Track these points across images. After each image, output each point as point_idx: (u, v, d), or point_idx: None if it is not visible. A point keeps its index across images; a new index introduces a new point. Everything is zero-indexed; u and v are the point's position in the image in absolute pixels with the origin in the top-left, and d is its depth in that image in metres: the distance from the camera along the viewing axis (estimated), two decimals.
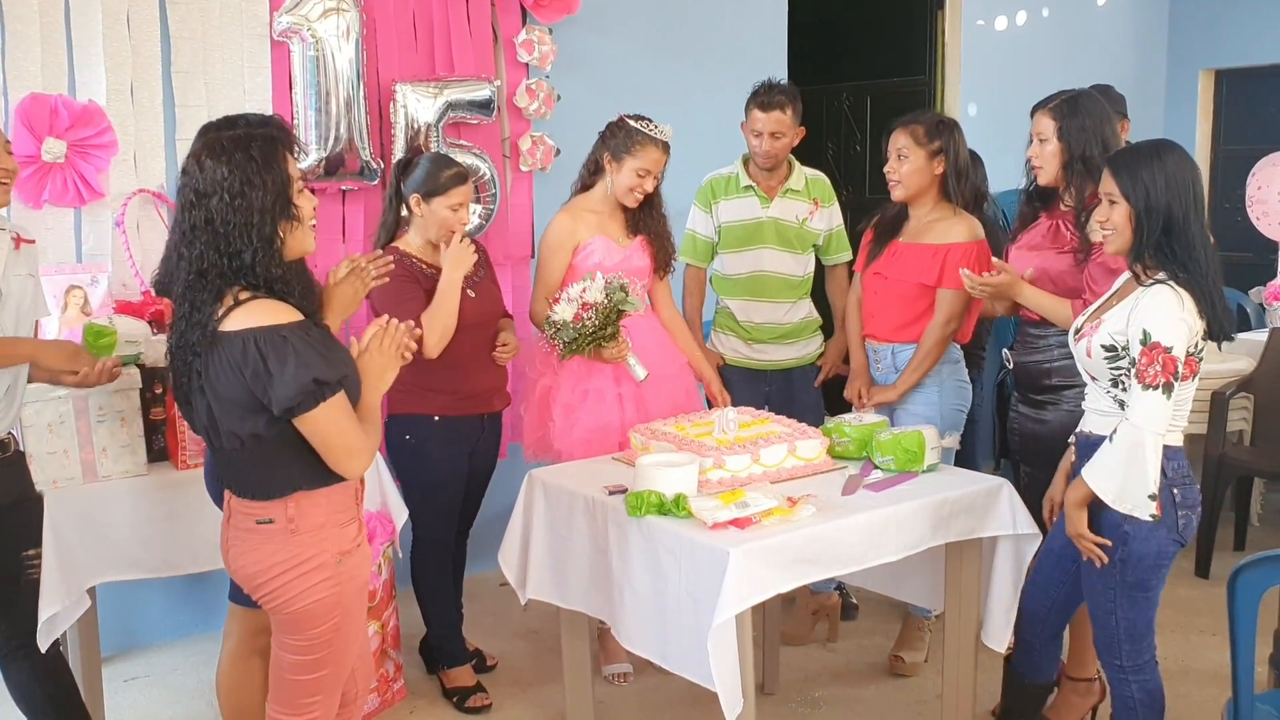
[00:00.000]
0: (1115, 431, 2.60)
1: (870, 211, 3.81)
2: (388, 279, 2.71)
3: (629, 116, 3.59)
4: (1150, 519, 2.57)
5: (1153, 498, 2.55)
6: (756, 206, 3.95)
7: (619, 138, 3.56)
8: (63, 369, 2.82)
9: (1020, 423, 3.30)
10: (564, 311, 3.43)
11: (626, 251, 3.63)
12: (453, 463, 3.50)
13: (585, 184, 3.71)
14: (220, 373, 2.16)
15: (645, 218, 3.66)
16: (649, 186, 3.57)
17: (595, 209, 3.66)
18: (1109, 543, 2.65)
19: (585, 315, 3.41)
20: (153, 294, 3.56)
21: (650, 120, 3.58)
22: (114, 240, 3.73)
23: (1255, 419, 4.85)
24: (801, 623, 4.02)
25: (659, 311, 3.77)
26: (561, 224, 3.64)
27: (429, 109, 4.16)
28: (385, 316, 2.38)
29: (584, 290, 3.43)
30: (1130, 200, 2.62)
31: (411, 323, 2.42)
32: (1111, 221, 2.67)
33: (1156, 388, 2.52)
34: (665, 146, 3.55)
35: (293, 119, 3.98)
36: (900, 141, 3.48)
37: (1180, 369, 2.53)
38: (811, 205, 3.99)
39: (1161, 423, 2.54)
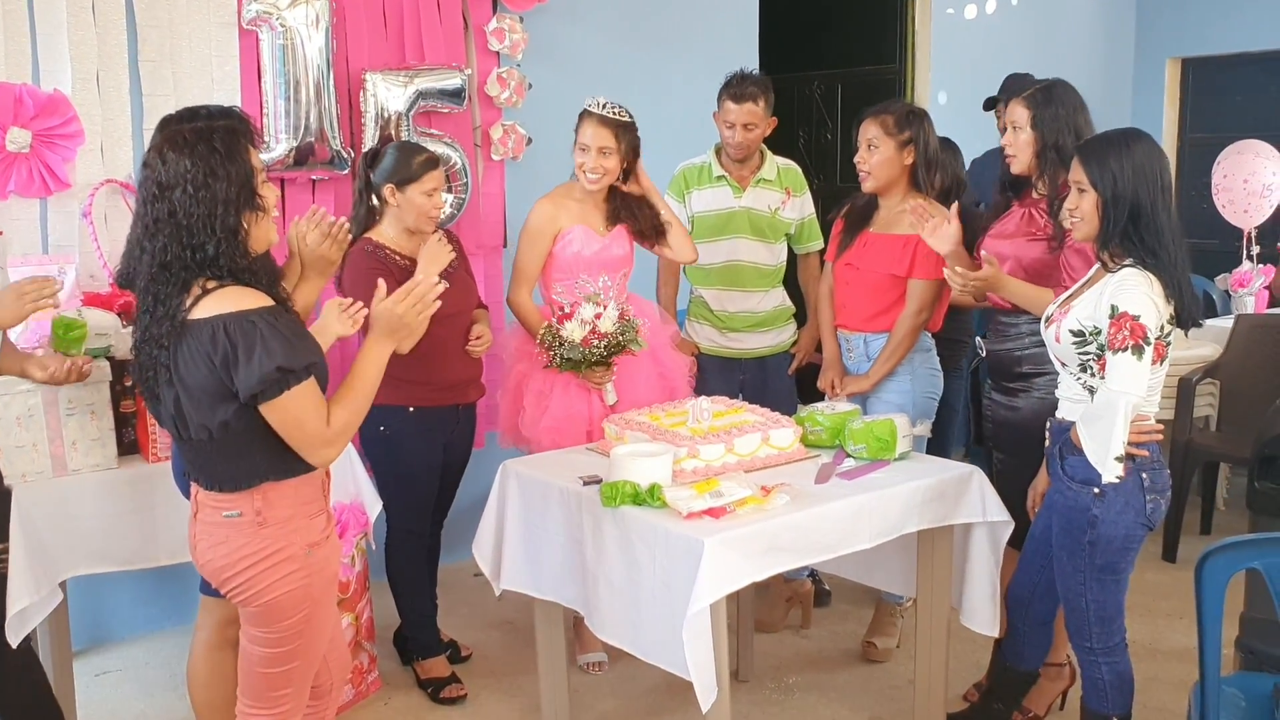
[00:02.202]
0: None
1: (841, 200, 3.82)
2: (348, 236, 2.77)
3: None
4: (1116, 480, 2.59)
5: (1119, 460, 2.58)
6: (729, 196, 3.96)
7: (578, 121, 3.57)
8: (11, 322, 2.78)
9: (993, 410, 3.33)
10: (574, 332, 3.42)
11: (606, 241, 3.62)
12: (427, 454, 3.50)
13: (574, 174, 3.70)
14: (189, 362, 2.14)
15: (624, 207, 3.63)
16: (591, 163, 3.51)
17: (578, 198, 3.64)
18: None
19: (595, 342, 3.42)
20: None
21: (605, 100, 3.56)
22: (81, 231, 3.69)
23: (1221, 404, 4.92)
24: (775, 610, 4.05)
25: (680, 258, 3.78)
26: (542, 211, 3.62)
27: (399, 98, 4.14)
28: (420, 276, 2.41)
29: (598, 317, 3.43)
30: (1098, 188, 2.65)
31: (435, 277, 2.44)
32: (1080, 209, 2.70)
33: (1125, 350, 2.54)
34: (601, 120, 3.50)
35: (262, 108, 3.95)
36: (870, 132, 3.49)
37: (1150, 336, 2.55)
38: (784, 194, 4.00)
39: (1134, 385, 2.55)
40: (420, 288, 2.39)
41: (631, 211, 3.63)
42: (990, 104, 4.60)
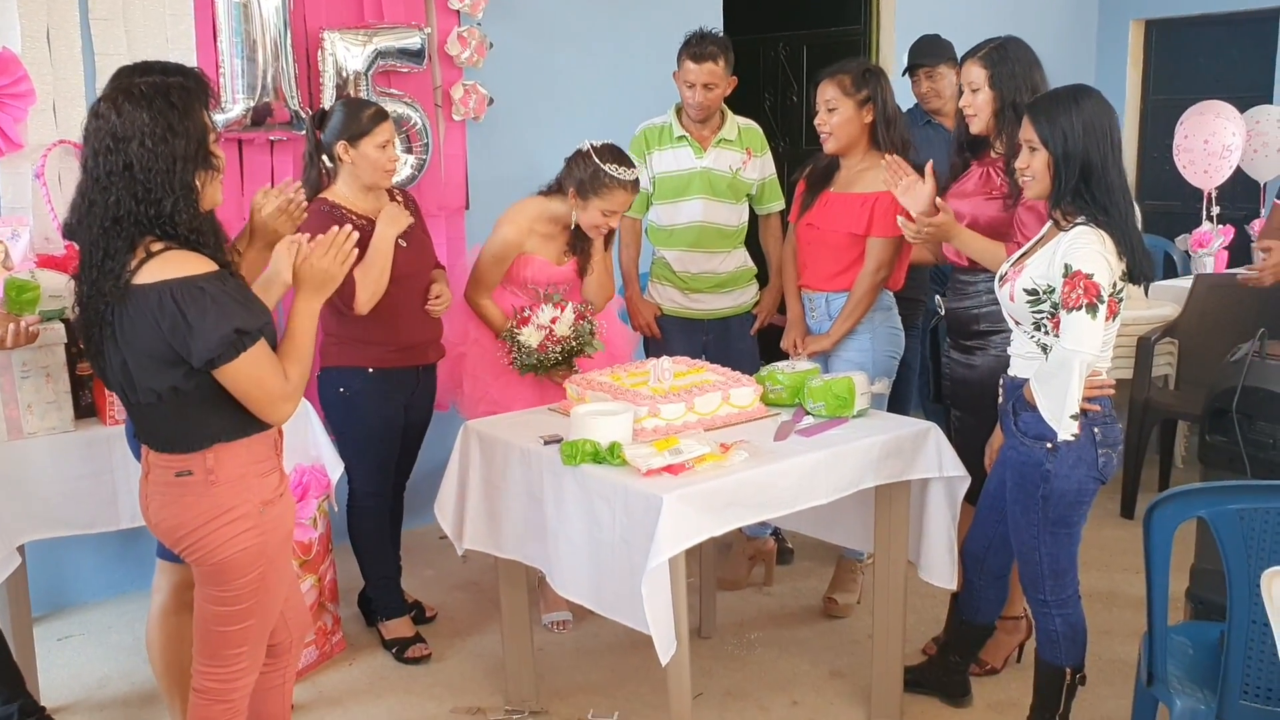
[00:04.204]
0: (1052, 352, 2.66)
1: (805, 162, 3.82)
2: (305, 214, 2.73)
3: (596, 149, 3.47)
4: (1071, 438, 2.63)
5: (1074, 418, 2.61)
6: (690, 157, 3.96)
7: (585, 174, 3.45)
8: None
9: (951, 368, 3.36)
10: (531, 337, 3.46)
11: (560, 270, 3.63)
12: (387, 415, 3.49)
13: (549, 191, 3.63)
14: (135, 327, 2.12)
15: (579, 239, 3.61)
16: (615, 224, 3.54)
17: (543, 232, 3.59)
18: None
19: (551, 347, 3.44)
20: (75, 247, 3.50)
21: (618, 159, 3.47)
22: (34, 193, 3.64)
23: (1179, 364, 4.97)
24: (738, 568, 4.08)
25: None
26: (509, 237, 3.56)
27: (358, 57, 4.10)
28: (335, 228, 2.38)
29: (554, 321, 3.44)
30: (1049, 146, 2.66)
31: (350, 228, 2.41)
32: (1031, 168, 2.71)
33: (1080, 308, 2.56)
34: (634, 186, 3.50)
35: (218, 68, 3.90)
36: (828, 93, 3.49)
37: (1103, 294, 2.57)
38: (744, 155, 4.00)
39: (1089, 344, 2.57)
40: (338, 238, 2.36)
41: (582, 245, 3.63)
42: (911, 69, 4.57)
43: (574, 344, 3.48)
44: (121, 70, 2.58)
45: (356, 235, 2.40)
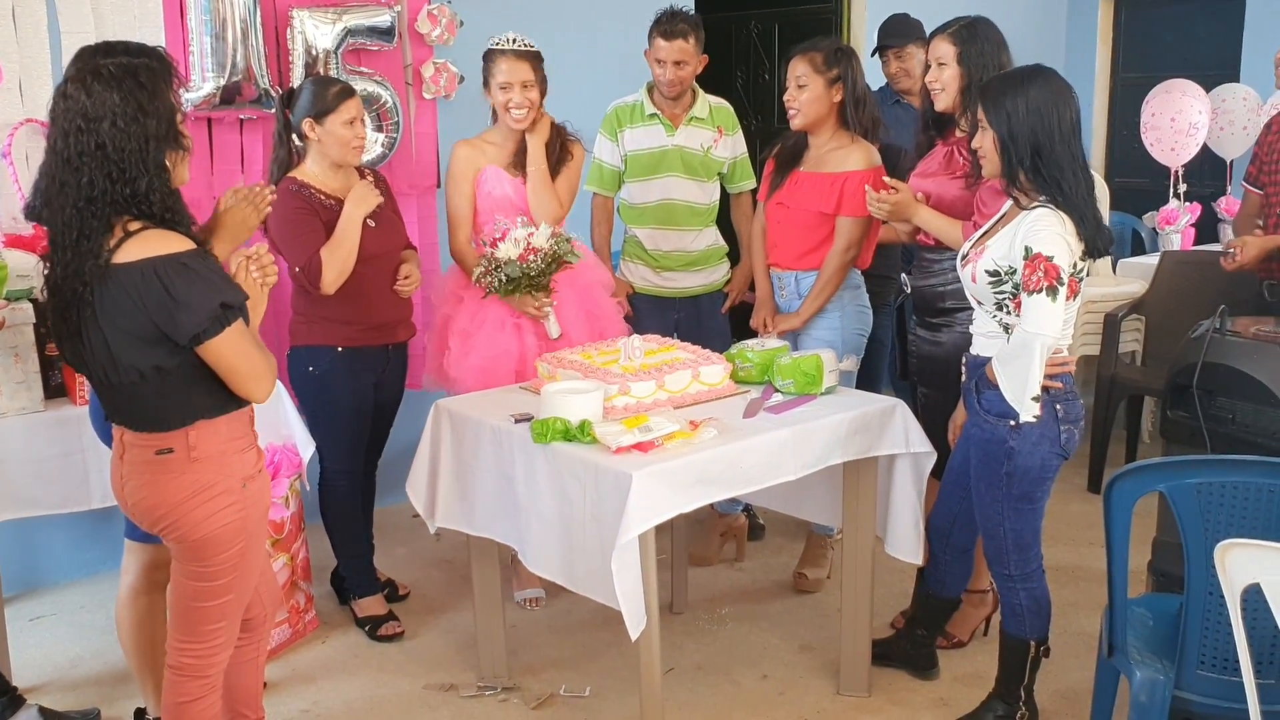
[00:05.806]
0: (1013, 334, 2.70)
1: (776, 140, 3.84)
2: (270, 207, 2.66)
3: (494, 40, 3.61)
4: (1033, 420, 2.67)
5: (1035, 399, 2.65)
6: (662, 135, 3.96)
7: (485, 63, 3.60)
8: None
9: (917, 345, 3.39)
10: (509, 250, 3.43)
11: (517, 181, 3.64)
12: (357, 393, 3.50)
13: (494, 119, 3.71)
14: (117, 305, 2.13)
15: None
16: (518, 98, 3.54)
17: (495, 140, 3.68)
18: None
19: (531, 258, 3.42)
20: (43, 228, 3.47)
21: (511, 35, 3.59)
22: (1, 172, 3.62)
23: (1146, 340, 5.02)
24: (709, 544, 4.12)
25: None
26: (460, 154, 3.66)
27: (328, 35, 4.07)
28: (256, 247, 2.39)
29: (530, 235, 3.44)
30: (994, 127, 2.69)
31: (264, 245, 2.43)
32: (984, 147, 2.75)
33: (1040, 291, 2.60)
34: (517, 55, 3.54)
35: (186, 47, 3.87)
36: (799, 69, 3.50)
37: (1064, 275, 2.60)
38: (716, 133, 4.01)
39: (1049, 326, 2.61)
40: (253, 257, 2.35)
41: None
42: (881, 49, 4.58)
43: (555, 252, 3.46)
44: (84, 50, 2.56)
45: (272, 190, 2.47)
